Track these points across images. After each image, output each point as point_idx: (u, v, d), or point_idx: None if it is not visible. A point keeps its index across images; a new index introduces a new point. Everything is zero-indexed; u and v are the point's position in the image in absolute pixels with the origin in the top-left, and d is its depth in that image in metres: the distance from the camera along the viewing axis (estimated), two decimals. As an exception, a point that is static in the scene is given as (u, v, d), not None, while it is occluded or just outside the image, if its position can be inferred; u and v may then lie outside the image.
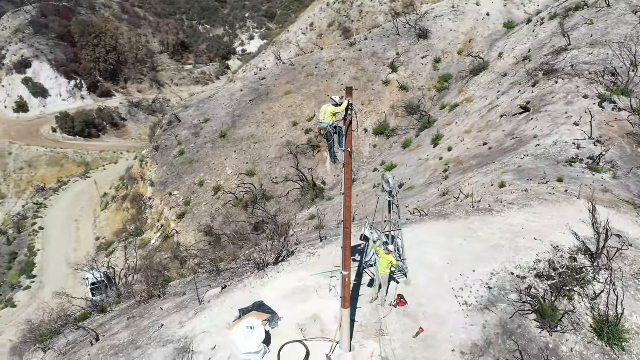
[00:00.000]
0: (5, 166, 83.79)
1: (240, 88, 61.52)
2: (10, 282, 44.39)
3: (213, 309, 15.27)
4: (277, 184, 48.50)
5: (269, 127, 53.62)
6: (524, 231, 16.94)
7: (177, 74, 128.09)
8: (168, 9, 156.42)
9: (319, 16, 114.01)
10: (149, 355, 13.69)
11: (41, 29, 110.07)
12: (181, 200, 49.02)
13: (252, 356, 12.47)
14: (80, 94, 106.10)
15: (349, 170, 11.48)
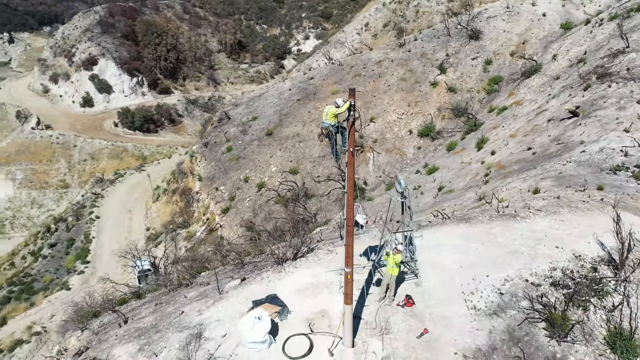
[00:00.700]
0: (70, 157, 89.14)
1: (289, 87, 62.57)
2: (67, 266, 47.40)
3: (230, 299, 15.94)
4: (319, 182, 49.03)
5: (314, 126, 54.24)
6: (546, 238, 16.55)
7: (233, 72, 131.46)
8: (227, 9, 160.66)
9: (374, 16, 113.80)
10: (166, 339, 14.49)
11: (108, 29, 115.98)
12: (226, 196, 50.51)
13: (257, 345, 13.01)
14: (141, 90, 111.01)
15: (351, 170, 11.75)
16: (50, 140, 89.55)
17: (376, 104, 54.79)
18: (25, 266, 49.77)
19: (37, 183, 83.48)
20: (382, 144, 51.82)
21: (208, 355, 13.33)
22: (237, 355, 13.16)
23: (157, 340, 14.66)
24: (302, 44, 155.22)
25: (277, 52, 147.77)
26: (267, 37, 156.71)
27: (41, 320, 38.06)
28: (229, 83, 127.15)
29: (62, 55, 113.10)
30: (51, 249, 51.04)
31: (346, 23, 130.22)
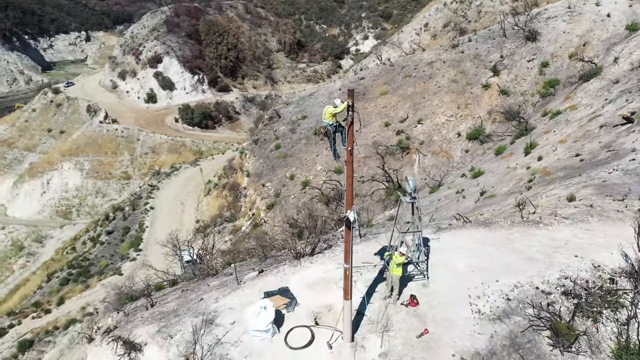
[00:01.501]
0: (133, 150, 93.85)
1: (339, 87, 63.08)
2: (121, 253, 50.27)
3: (245, 289, 16.66)
4: (363, 182, 49.21)
5: (361, 127, 54.49)
6: (566, 247, 16.11)
7: (291, 71, 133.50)
8: (288, 9, 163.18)
9: (434, 16, 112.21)
10: (182, 323, 15.38)
11: (173, 28, 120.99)
12: (272, 192, 51.73)
13: (260, 334, 13.60)
14: (201, 88, 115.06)
15: (350, 168, 12.08)
16: (116, 133, 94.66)
17: (425, 105, 54.25)
18: (85, 251, 53.23)
19: (102, 174, 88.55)
20: (428, 146, 51.26)
21: (216, 340, 14.08)
22: (242, 342, 13.82)
23: (175, 324, 15.58)
24: (360, 44, 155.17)
25: (335, 52, 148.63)
26: (326, 37, 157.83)
27: (94, 302, 40.66)
28: (286, 82, 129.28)
29: (131, 53, 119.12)
30: (108, 236, 54.28)
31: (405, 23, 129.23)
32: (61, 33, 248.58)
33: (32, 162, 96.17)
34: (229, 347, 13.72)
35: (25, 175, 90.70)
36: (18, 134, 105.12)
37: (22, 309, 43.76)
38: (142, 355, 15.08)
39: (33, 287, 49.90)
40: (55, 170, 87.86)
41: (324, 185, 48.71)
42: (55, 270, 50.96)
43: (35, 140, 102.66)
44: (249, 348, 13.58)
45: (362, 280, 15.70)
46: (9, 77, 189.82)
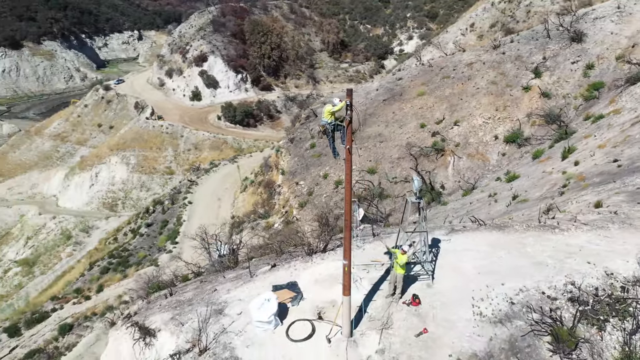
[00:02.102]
0: (177, 147, 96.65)
1: (376, 87, 62.99)
2: (159, 245, 52.08)
3: (256, 282, 17.18)
4: (396, 183, 49.04)
5: (397, 127, 54.25)
6: (580, 253, 15.75)
7: (333, 71, 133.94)
8: (332, 9, 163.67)
9: (481, 16, 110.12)
10: (194, 312, 16.04)
11: (219, 27, 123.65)
12: (305, 190, 52.25)
13: (263, 325, 14.06)
14: (244, 86, 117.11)
15: (348, 166, 12.33)
16: (161, 129, 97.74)
17: (462, 107, 53.45)
18: (125, 242, 55.44)
19: (147, 168, 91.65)
20: (464, 148, 50.49)
21: (222, 329, 14.65)
22: (245, 331, 14.32)
23: (187, 312, 16.27)
24: (404, 44, 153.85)
25: (379, 52, 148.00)
26: (370, 36, 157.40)
27: (130, 290, 42.28)
28: (328, 82, 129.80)
29: (178, 52, 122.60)
30: (147, 228, 56.31)
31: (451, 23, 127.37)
32: (115, 32, 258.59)
33: (83, 156, 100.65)
34: (233, 336, 14.25)
35: (76, 168, 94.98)
36: (71, 128, 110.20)
37: (65, 294, 46.10)
38: (156, 340, 15.82)
39: (76, 274, 52.45)
40: (104, 163, 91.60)
41: (357, 185, 48.82)
42: (97, 259, 53.42)
43: (87, 135, 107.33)
44: (251, 338, 14.07)
45: (368, 278, 15.91)
46: (66, 74, 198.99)
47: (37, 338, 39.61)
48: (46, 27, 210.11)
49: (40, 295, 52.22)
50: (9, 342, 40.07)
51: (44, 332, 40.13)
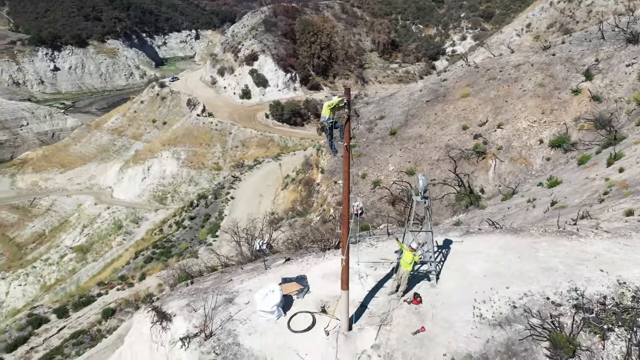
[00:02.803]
0: (225, 143, 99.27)
1: (420, 88, 62.42)
2: (200, 237, 53.88)
3: (268, 274, 17.74)
4: (434, 185, 48.50)
5: (438, 129, 53.63)
6: (594, 260, 15.33)
7: (382, 71, 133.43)
8: (385, 9, 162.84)
9: (538, 16, 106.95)
10: (207, 300, 16.74)
11: (270, 27, 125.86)
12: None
13: (266, 314, 14.59)
14: (293, 85, 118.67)
15: (346, 163, 12.64)
16: (211, 126, 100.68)
17: (507, 109, 52.16)
18: (169, 233, 57.68)
19: (195, 163, 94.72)
20: (507, 151, 49.30)
21: (229, 316, 15.28)
22: (250, 320, 14.89)
23: (201, 300, 17.02)
24: (457, 45, 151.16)
25: (430, 53, 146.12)
26: (422, 37, 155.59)
27: (169, 280, 44.10)
28: (376, 82, 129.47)
29: (230, 51, 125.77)
30: (190, 221, 58.35)
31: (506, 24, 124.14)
32: (174, 31, 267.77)
33: (137, 150, 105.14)
34: (238, 324, 14.85)
35: (130, 161, 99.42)
36: (127, 123, 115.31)
37: (111, 280, 48.57)
38: (172, 324, 16.66)
39: (123, 262, 55.11)
40: (156, 158, 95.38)
41: (394, 185, 48.70)
42: (143, 249, 55.87)
43: (141, 130, 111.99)
44: (254, 326, 14.62)
45: (374, 276, 16.14)
46: (127, 72, 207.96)
47: (83, 320, 42.00)
48: (110, 27, 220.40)
49: (90, 280, 55.24)
50: (57, 322, 42.66)
51: (89, 314, 42.49)
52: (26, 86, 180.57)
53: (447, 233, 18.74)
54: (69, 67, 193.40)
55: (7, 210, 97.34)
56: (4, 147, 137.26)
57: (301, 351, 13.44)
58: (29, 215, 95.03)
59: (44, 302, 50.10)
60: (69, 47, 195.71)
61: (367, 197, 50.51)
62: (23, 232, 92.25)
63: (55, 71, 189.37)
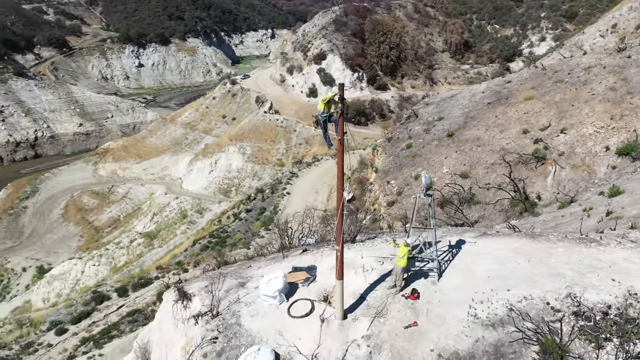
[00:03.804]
0: (289, 140, 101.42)
1: (482, 90, 60.83)
2: (254, 230, 55.79)
3: (283, 263, 18.49)
4: (489, 189, 47.22)
5: (497, 132, 52.05)
6: (607, 269, 14.70)
7: (452, 72, 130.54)
8: (459, 8, 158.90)
9: (625, 16, 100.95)
10: (224, 283, 17.78)
11: (340, 27, 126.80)
12: (395, 190, 52.41)
13: (269, 299, 15.33)
14: (360, 85, 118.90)
15: (340, 157, 13.09)
16: (276, 123, 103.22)
17: (572, 114, 49.67)
18: (226, 224, 60.09)
19: (260, 159, 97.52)
20: (568, 158, 46.98)
21: (237, 299, 16.20)
22: (254, 303, 15.71)
23: (219, 283, 18.04)
24: (535, 46, 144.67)
25: (505, 54, 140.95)
26: (497, 37, 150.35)
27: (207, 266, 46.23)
28: (446, 83, 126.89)
29: (300, 50, 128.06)
30: (246, 214, 60.47)
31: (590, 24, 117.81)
32: (251, 30, 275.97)
33: (207, 144, 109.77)
34: (243, 306, 15.72)
35: (200, 154, 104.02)
36: (199, 118, 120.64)
37: (168, 265, 51.52)
38: (191, 303, 17.85)
39: (182, 249, 58.15)
40: (223, 152, 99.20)
41: (445, 187, 47.88)
42: (201, 238, 58.69)
43: (212, 125, 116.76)
44: (257, 310, 15.42)
45: (378, 270, 16.43)
46: (204, 69, 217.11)
47: (140, 300, 44.96)
48: (191, 25, 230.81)
49: (152, 265, 58.76)
50: (117, 300, 45.98)
51: (145, 295, 45.39)
52: (113, 81, 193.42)
53: (462, 234, 18.63)
54: (152, 64, 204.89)
55: (89, 196, 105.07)
56: (90, 137, 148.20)
57: (295, 335, 14.07)
58: (107, 202, 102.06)
59: (108, 281, 54.01)
60: (153, 45, 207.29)
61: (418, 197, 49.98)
62: (101, 217, 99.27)
63: (139, 67, 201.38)
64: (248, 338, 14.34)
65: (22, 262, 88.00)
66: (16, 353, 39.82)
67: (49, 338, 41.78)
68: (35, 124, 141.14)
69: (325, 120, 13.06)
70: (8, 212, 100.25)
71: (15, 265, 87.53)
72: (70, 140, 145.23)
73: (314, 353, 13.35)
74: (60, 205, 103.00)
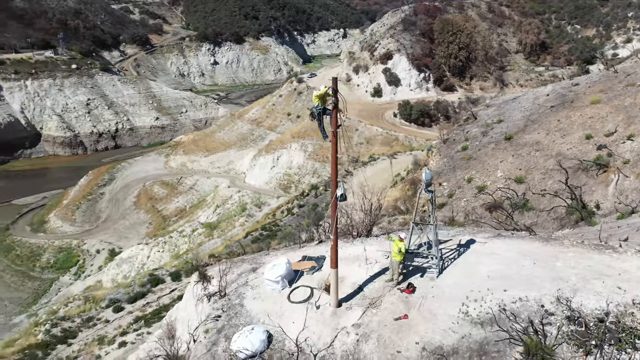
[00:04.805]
0: (350, 140, 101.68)
1: (547, 92, 58.28)
2: (303, 225, 56.80)
3: (297, 252, 19.12)
4: (544, 196, 45.32)
5: (558, 137, 49.76)
6: (617, 277, 14.06)
7: (525, 75, 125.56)
8: (537, 8, 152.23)
9: None
10: (239, 267, 18.78)
11: (409, 26, 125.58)
12: (446, 192, 51.51)
13: (272, 283, 16.04)
14: (426, 86, 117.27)
15: (334, 148, 13.53)
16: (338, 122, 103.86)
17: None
18: (279, 218, 61.61)
19: (320, 157, 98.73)
20: (634, 166, 43.94)
21: (245, 281, 17.08)
22: (259, 287, 16.48)
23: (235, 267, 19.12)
24: (620, 48, 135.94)
25: (585, 56, 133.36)
26: (577, 38, 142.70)
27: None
28: (517, 85, 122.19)
29: (367, 49, 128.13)
30: (299, 209, 61.67)
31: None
32: (323, 30, 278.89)
33: (271, 140, 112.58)
34: (249, 289, 16.56)
35: (263, 150, 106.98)
36: (265, 115, 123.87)
37: (220, 254, 53.60)
38: (210, 284, 18.97)
39: (235, 240, 60.28)
40: (285, 149, 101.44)
41: (498, 192, 46.46)
42: (254, 230, 60.60)
43: (277, 122, 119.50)
44: (260, 293, 16.18)
45: (382, 263, 16.66)
46: (275, 68, 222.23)
47: (191, 285, 47.18)
48: (265, 25, 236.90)
49: (207, 253, 61.34)
50: (171, 284, 48.62)
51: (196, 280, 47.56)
52: (189, 78, 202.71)
53: (475, 234, 18.46)
54: (226, 62, 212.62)
55: (159, 186, 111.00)
56: (165, 130, 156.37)
57: (290, 319, 14.68)
58: (175, 192, 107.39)
59: (165, 267, 57.14)
60: (228, 44, 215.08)
61: (469, 201, 48.93)
62: (169, 206, 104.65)
63: (214, 65, 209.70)
64: (247, 318, 15.14)
65: (97, 244, 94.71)
66: (77, 325, 43.23)
67: (107, 314, 44.96)
68: (116, 116, 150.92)
69: (320, 113, 13.55)
70: (87, 198, 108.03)
71: (90, 247, 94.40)
72: (147, 132, 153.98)
73: (305, 337, 13.89)
74: (133, 193, 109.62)
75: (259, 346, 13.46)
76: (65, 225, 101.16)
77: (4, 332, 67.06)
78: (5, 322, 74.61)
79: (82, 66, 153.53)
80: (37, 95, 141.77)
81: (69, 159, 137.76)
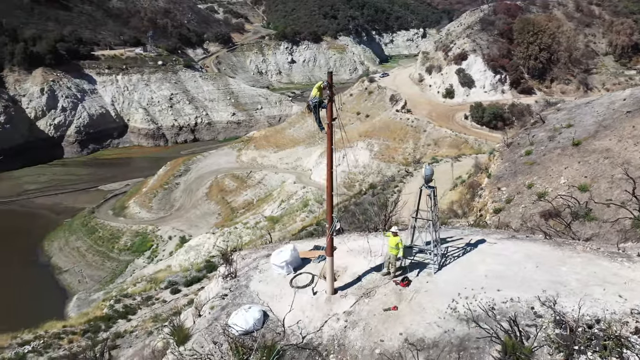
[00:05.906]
0: (418, 140, 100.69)
1: (625, 97, 54.62)
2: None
3: (312, 242, 19.82)
4: (609, 206, 42.63)
5: (631, 144, 46.51)
6: (622, 285, 13.36)
7: (613, 78, 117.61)
8: (631, 7, 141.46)
9: None
10: (257, 253, 19.74)
11: (487, 26, 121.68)
12: (504, 197, 49.76)
13: (277, 268, 16.78)
14: (501, 87, 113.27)
15: (329, 140, 14.02)
16: (407, 122, 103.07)
17: None
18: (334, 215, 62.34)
19: (386, 157, 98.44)
20: None
21: (256, 265, 18.01)
22: (266, 271, 17.33)
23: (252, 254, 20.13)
24: None
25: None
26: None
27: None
28: (603, 89, 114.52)
29: (441, 49, 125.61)
30: (354, 207, 61.98)
31: None
32: (402, 30, 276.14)
33: (338, 138, 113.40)
34: (257, 272, 17.45)
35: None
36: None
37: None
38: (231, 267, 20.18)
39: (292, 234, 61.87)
40: (351, 147, 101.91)
41: (557, 199, 44.22)
42: (309, 225, 61.79)
43: (345, 120, 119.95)
44: (266, 276, 17.01)
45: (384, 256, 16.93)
46: (351, 67, 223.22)
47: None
48: (344, 24, 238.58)
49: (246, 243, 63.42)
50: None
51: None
52: (267, 75, 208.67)
53: (489, 235, 18.17)
54: (303, 60, 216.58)
55: (230, 179, 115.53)
56: (240, 125, 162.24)
57: (288, 302, 15.37)
58: (244, 185, 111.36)
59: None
60: (306, 43, 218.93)
61: (527, 207, 46.98)
62: (237, 199, 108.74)
63: (291, 63, 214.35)
64: (249, 298, 16.02)
65: (169, 231, 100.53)
66: (137, 303, 46.50)
67: (165, 295, 47.94)
68: (196, 111, 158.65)
69: (316, 106, 14.12)
70: (164, 187, 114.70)
71: (163, 234, 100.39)
72: (224, 127, 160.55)
73: (297, 320, 14.56)
74: (205, 184, 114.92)
75: (253, 324, 14.27)
76: (142, 212, 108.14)
77: (84, 306, 73.13)
78: (85, 297, 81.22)
79: (168, 62, 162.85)
80: (126, 89, 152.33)
81: (151, 150, 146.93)
